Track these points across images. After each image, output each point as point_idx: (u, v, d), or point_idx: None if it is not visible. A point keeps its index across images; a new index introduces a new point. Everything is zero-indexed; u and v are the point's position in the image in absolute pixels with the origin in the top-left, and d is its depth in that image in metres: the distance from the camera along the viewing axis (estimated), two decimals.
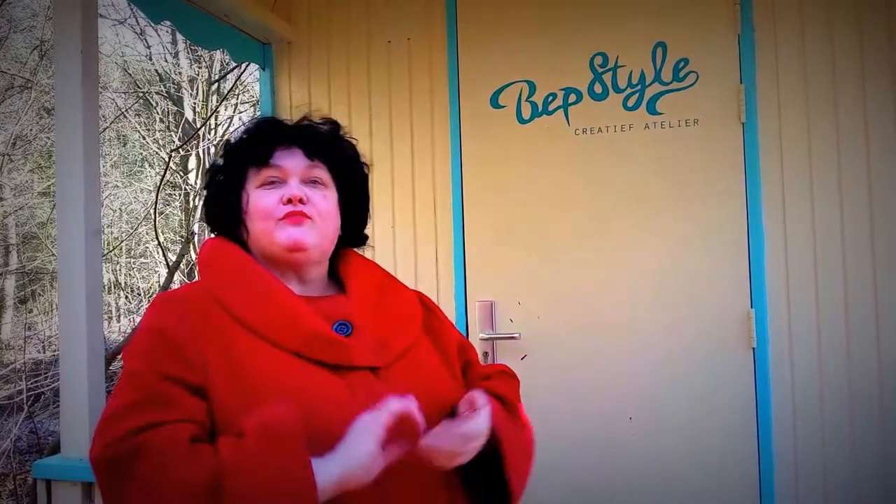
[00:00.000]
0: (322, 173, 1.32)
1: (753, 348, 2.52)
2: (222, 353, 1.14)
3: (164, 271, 9.44)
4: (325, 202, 1.30)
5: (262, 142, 1.31)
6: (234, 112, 9.58)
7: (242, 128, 1.39)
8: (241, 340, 1.16)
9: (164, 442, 1.04)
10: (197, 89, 9.43)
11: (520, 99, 2.75)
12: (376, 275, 1.41)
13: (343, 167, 1.37)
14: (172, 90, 9.79)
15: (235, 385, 1.11)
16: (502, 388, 1.35)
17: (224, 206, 1.33)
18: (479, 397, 1.20)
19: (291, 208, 1.25)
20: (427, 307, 1.42)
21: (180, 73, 9.70)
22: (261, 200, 1.27)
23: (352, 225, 1.41)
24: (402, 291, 1.42)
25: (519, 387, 1.45)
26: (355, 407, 1.13)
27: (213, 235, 1.39)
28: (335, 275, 1.38)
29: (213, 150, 9.13)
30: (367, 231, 1.47)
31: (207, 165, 9.05)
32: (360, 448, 1.05)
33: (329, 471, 1.03)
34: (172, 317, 1.18)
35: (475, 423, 1.16)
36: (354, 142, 1.42)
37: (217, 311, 1.19)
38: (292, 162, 1.30)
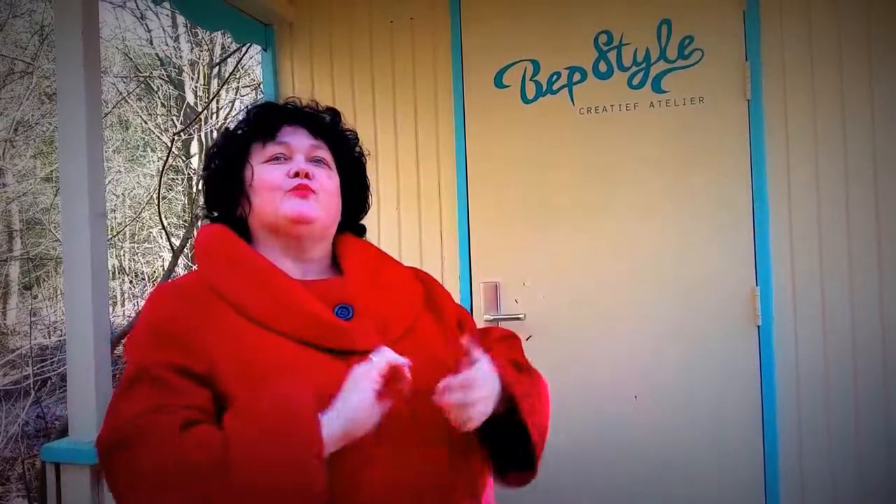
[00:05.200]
0: (325, 154, 1.34)
1: (758, 326, 2.52)
2: (225, 343, 1.14)
3: (168, 256, 9.46)
4: (329, 181, 1.31)
5: (268, 119, 1.33)
6: (235, 96, 9.55)
7: (245, 111, 1.40)
8: (242, 330, 1.16)
9: (165, 425, 1.05)
10: (198, 73, 9.39)
11: (524, 78, 2.73)
12: (371, 254, 1.41)
13: (343, 153, 1.39)
14: (174, 74, 9.75)
15: (241, 374, 1.11)
16: (508, 352, 1.35)
17: (225, 183, 1.33)
18: (473, 348, 1.18)
19: (299, 181, 1.26)
20: (424, 283, 1.42)
21: (181, 57, 9.65)
22: (268, 174, 1.28)
23: (351, 211, 1.42)
24: (398, 269, 1.42)
25: (521, 346, 1.46)
26: None
27: (207, 221, 1.39)
28: (333, 258, 1.38)
29: (215, 134, 9.10)
30: (372, 211, 1.48)
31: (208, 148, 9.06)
32: (358, 400, 1.07)
33: (332, 425, 1.05)
34: (171, 309, 1.19)
35: (475, 370, 1.14)
36: (352, 133, 1.44)
37: (216, 301, 1.19)
38: (298, 139, 1.32)
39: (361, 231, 1.47)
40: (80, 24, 2.06)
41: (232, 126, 1.39)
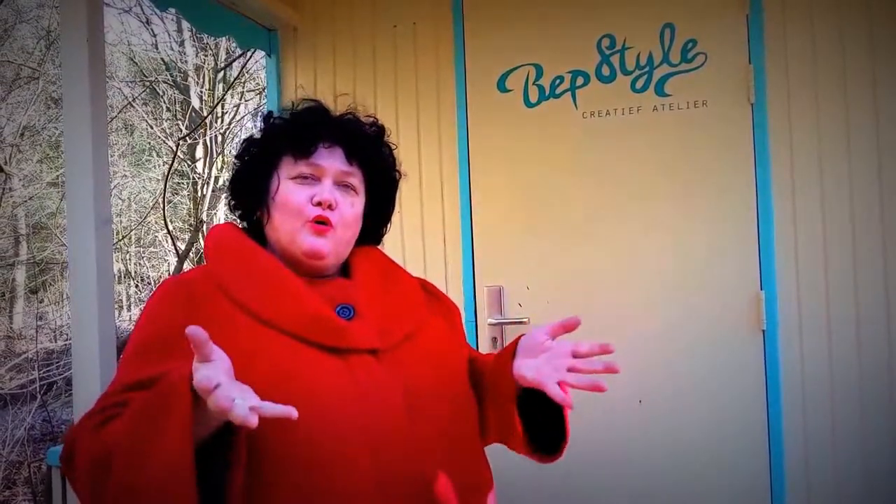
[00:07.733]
0: (355, 180, 1.33)
1: (763, 330, 2.51)
2: (223, 338, 1.13)
3: (173, 260, 9.48)
4: (350, 210, 1.31)
5: (307, 133, 1.31)
6: (240, 100, 9.57)
7: (289, 107, 1.38)
8: (241, 324, 1.17)
9: (89, 427, 1.06)
10: (203, 77, 9.41)
11: (527, 82, 2.73)
12: (380, 260, 1.43)
13: (377, 174, 1.39)
14: (179, 79, 9.78)
15: (235, 369, 1.12)
16: None
17: (251, 183, 1.34)
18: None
19: (319, 212, 1.26)
20: (430, 292, 1.44)
21: (186, 62, 9.68)
22: (291, 195, 1.28)
23: (372, 228, 1.43)
24: (405, 278, 1.43)
25: None
26: (354, 389, 1.15)
27: (223, 220, 1.40)
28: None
29: (220, 138, 9.13)
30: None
31: (216, 153, 9.12)
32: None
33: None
34: (175, 302, 1.20)
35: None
36: (394, 147, 1.44)
37: (219, 296, 1.21)
38: (331, 162, 1.30)
39: (377, 241, 1.49)
40: (86, 29, 2.08)
41: (275, 118, 1.37)
